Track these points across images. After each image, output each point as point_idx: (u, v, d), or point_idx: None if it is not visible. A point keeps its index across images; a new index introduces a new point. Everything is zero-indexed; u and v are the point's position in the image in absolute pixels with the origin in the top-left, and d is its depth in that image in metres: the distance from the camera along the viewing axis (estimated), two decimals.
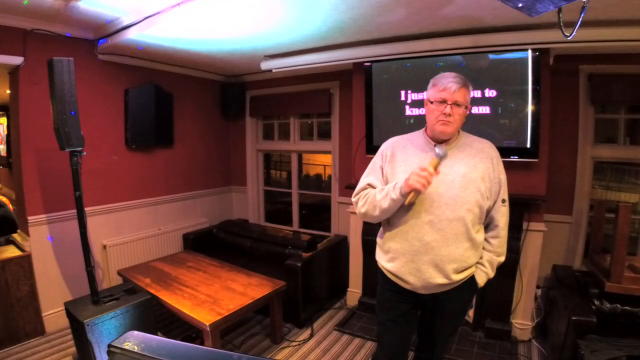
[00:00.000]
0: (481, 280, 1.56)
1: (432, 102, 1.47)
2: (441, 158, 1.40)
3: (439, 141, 1.52)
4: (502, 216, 1.55)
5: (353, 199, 1.65)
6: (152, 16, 2.41)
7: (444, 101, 1.43)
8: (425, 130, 1.59)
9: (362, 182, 1.64)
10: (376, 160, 1.65)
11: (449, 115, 1.42)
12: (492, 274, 1.58)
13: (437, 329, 1.69)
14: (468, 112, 1.51)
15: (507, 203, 1.57)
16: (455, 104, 1.42)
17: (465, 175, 1.47)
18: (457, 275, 1.48)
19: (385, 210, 1.49)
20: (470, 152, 1.53)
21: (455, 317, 1.68)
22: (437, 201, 1.44)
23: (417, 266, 1.48)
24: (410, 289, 1.53)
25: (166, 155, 3.83)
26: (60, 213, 2.90)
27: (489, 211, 1.53)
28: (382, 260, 1.63)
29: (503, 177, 1.55)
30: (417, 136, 1.61)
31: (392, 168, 1.56)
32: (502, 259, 1.59)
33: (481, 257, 1.56)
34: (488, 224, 1.57)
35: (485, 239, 1.57)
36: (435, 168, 1.38)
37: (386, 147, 1.63)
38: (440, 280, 1.47)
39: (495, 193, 1.53)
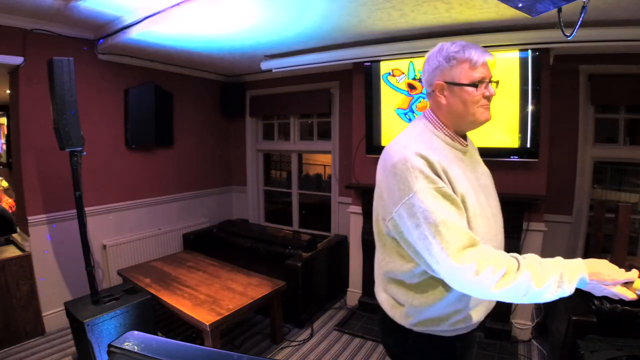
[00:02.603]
0: None
1: (474, 85, 1.03)
2: None
3: (464, 136, 1.16)
4: None
5: (464, 265, 0.89)
6: (153, 16, 2.41)
7: (483, 80, 1.04)
8: (438, 125, 1.12)
9: (457, 232, 0.92)
10: (433, 185, 0.96)
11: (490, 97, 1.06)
12: None
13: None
14: None
15: None
16: (492, 80, 1.07)
17: (488, 174, 1.24)
18: None
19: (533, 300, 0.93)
20: (472, 145, 1.25)
21: None
22: (495, 214, 1.13)
23: (489, 300, 1.15)
24: (473, 328, 1.18)
25: (166, 155, 3.83)
26: (60, 213, 2.90)
27: None
28: (447, 322, 1.09)
29: None
30: (432, 133, 1.11)
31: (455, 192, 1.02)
32: None
33: None
34: None
35: None
36: None
37: (429, 160, 0.99)
38: (495, 303, 1.21)
39: None
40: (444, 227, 0.92)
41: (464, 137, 1.16)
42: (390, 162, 1.03)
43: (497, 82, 1.09)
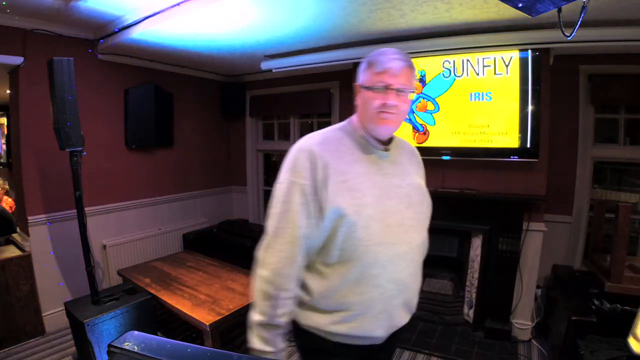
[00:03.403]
0: None
1: (369, 88, 1.05)
2: None
3: (378, 140, 1.12)
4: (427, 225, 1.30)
5: (263, 256, 1.04)
6: (153, 15, 2.41)
7: (386, 87, 1.03)
8: (356, 125, 1.13)
9: (285, 230, 1.02)
10: (301, 181, 1.01)
11: (394, 106, 1.03)
12: None
13: None
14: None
15: None
16: (400, 90, 1.03)
17: (418, 186, 1.17)
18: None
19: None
20: (407, 155, 1.22)
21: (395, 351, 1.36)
22: (404, 225, 1.08)
23: (388, 314, 1.08)
24: (370, 343, 1.11)
25: (166, 155, 3.83)
26: (60, 213, 2.90)
27: None
28: (326, 323, 1.07)
29: None
30: (346, 132, 1.13)
31: (334, 188, 1.01)
32: None
33: None
34: None
35: None
36: None
37: (312, 154, 1.03)
38: (406, 319, 1.17)
39: None
40: (281, 218, 1.02)
41: (386, 142, 1.13)
42: None
43: (405, 91, 1.05)
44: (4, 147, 4.87)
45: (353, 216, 1.00)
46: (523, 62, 2.50)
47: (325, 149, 1.04)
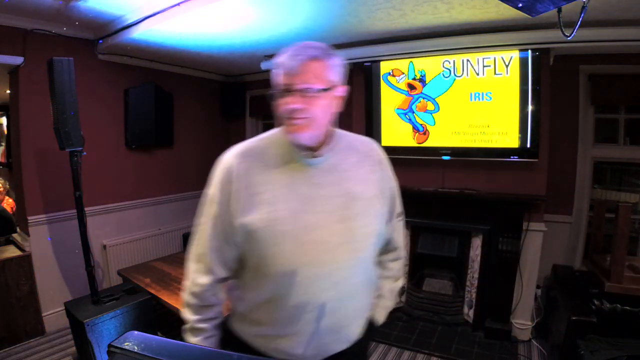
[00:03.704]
0: (382, 317, 1.17)
1: (276, 93, 0.94)
2: None
3: (304, 147, 0.96)
4: (400, 235, 1.19)
5: (191, 272, 1.03)
6: (153, 15, 2.41)
7: (287, 89, 0.90)
8: (284, 131, 1.00)
9: (202, 244, 1.00)
10: (216, 194, 0.99)
11: (300, 110, 0.89)
12: (393, 305, 1.21)
13: None
14: (340, 98, 0.97)
15: (402, 215, 1.18)
16: (306, 91, 0.88)
17: (359, 196, 0.98)
18: (360, 330, 1.07)
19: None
20: (357, 158, 1.03)
21: None
22: (328, 242, 0.93)
23: (309, 337, 0.97)
24: None
25: (166, 155, 3.83)
26: (60, 213, 2.90)
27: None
28: (249, 333, 1.06)
29: (395, 184, 1.12)
30: (274, 140, 1.03)
31: (245, 201, 0.94)
32: (401, 282, 1.25)
33: (379, 288, 1.16)
34: (385, 246, 1.15)
35: (383, 264, 1.17)
36: None
37: (227, 168, 0.98)
38: (342, 346, 1.03)
39: (391, 209, 1.10)
40: (199, 230, 1.03)
41: (316, 148, 0.97)
42: None
43: (327, 89, 0.91)
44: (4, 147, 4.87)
45: (262, 232, 0.91)
46: (523, 62, 2.50)
47: (242, 160, 0.97)
